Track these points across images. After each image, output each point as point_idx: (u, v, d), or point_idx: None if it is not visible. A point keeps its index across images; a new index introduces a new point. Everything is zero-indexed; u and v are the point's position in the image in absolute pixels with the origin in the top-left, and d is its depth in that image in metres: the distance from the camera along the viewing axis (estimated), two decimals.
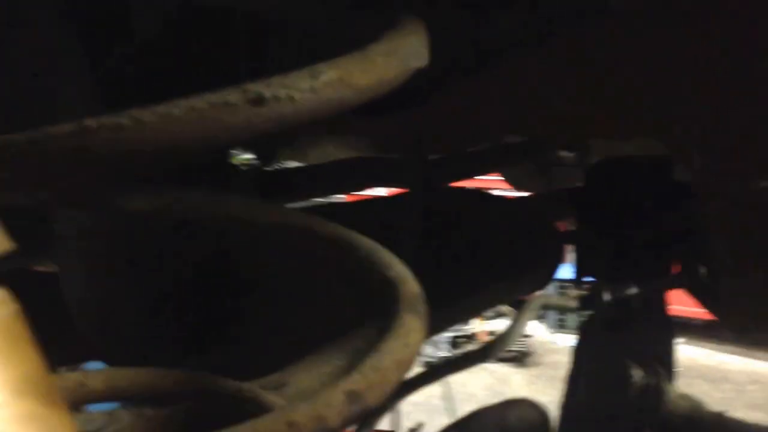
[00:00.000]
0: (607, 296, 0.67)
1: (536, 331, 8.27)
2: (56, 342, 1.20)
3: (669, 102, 0.71)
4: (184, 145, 0.44)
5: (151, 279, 1.00)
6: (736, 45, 0.64)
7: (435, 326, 0.81)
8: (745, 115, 0.66)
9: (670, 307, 1.17)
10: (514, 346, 7.42)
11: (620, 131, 0.74)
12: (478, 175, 1.56)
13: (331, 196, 1.66)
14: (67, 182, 0.47)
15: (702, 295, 1.09)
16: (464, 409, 1.29)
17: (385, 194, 1.54)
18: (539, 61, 0.85)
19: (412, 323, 0.58)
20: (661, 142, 0.73)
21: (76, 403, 0.73)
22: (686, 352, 7.54)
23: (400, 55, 0.52)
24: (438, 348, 7.44)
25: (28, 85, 0.83)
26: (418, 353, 0.57)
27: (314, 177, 1.45)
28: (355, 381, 0.53)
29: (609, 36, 0.71)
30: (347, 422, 0.51)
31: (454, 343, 7.62)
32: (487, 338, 7.58)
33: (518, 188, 2.31)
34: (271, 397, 0.72)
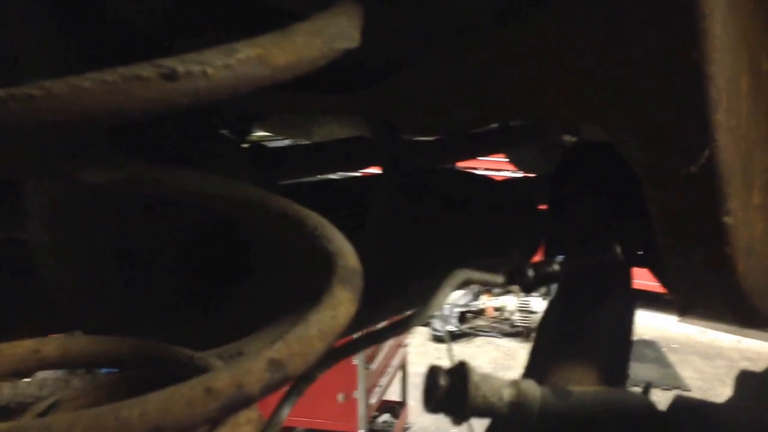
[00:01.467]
0: (530, 271, 0.69)
1: (542, 307, 8.29)
2: (41, 313, 1.23)
3: (603, 88, 0.71)
4: (96, 117, 0.45)
5: (124, 246, 1.02)
6: (669, 34, 0.64)
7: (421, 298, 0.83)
8: (672, 102, 0.67)
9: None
10: (520, 322, 7.50)
11: (562, 115, 0.75)
12: (482, 155, 1.57)
13: (331, 173, 1.67)
14: None
15: (657, 273, 1.11)
16: None
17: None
18: (500, 42, 0.85)
19: (342, 295, 0.59)
20: (603, 128, 0.73)
21: (30, 370, 0.75)
22: (681, 329, 7.60)
23: (324, 35, 0.53)
24: (447, 322, 7.49)
25: None
26: (347, 325, 0.58)
27: (314, 155, 1.46)
28: (277, 349, 0.54)
29: (552, 21, 0.72)
30: (268, 390, 0.53)
31: (462, 317, 7.66)
32: (494, 314, 7.65)
33: (522, 169, 2.32)
34: (221, 366, 0.74)
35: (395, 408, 5.61)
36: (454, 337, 7.53)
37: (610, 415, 0.71)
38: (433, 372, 0.71)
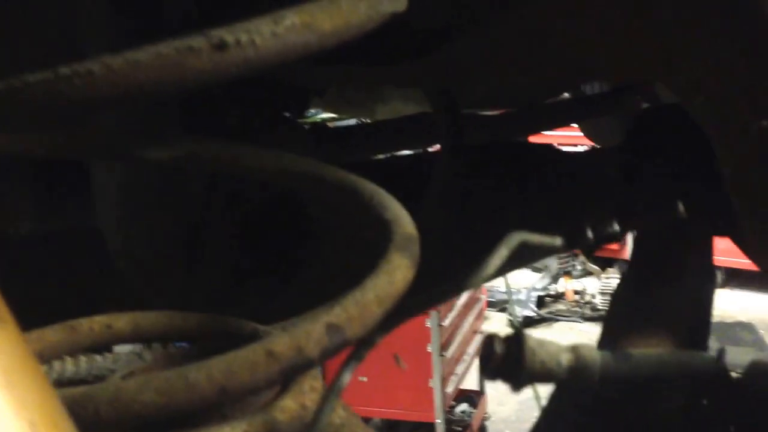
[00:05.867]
0: (589, 232, 0.67)
1: None
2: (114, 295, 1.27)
3: (672, 43, 0.70)
4: (152, 90, 0.47)
5: (189, 224, 1.04)
6: None
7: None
8: (743, 55, 0.65)
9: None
10: (602, 305, 7.28)
11: (627, 74, 0.73)
12: (553, 128, 1.55)
13: (396, 151, 1.67)
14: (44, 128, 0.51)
15: (738, 242, 1.07)
16: None
17: None
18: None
19: (399, 261, 0.60)
20: (671, 87, 0.72)
21: (104, 344, 0.78)
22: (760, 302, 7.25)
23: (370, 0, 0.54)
24: (524, 307, 7.33)
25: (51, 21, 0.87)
26: (404, 290, 0.59)
27: (378, 133, 1.47)
28: (335, 314, 0.55)
29: None
30: (327, 353, 0.54)
31: (541, 302, 7.50)
32: (575, 297, 7.47)
33: (598, 142, 2.28)
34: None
35: (473, 397, 5.47)
36: (533, 322, 7.34)
37: (676, 377, 0.70)
38: (490, 340, 0.71)
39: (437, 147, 1.56)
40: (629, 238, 4.35)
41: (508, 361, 0.68)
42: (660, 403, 0.73)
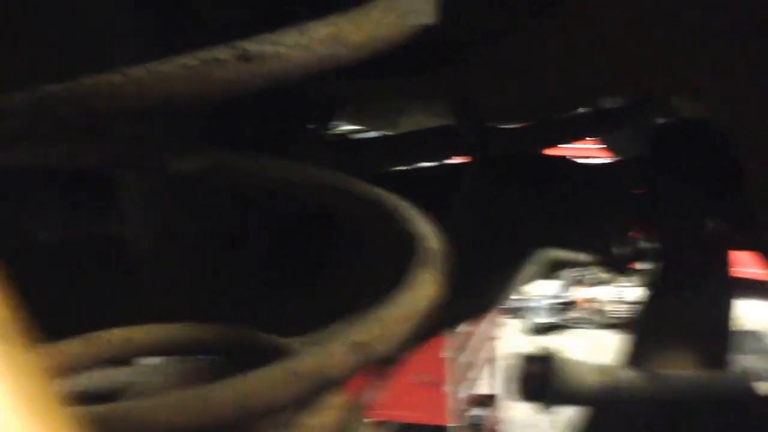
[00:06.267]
0: (617, 250, 0.66)
1: (636, 297, 8.07)
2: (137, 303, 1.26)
3: (698, 60, 0.68)
4: (177, 101, 0.46)
5: (217, 232, 1.04)
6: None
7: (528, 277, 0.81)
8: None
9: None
10: (614, 313, 7.27)
11: (656, 90, 0.72)
12: (573, 141, 1.54)
13: (420, 163, 1.66)
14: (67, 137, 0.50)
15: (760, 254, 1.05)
16: None
17: None
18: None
19: (424, 277, 0.59)
20: (697, 102, 0.71)
21: (124, 357, 0.77)
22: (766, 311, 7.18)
23: (399, 11, 0.53)
24: (536, 314, 7.34)
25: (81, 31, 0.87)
26: (430, 306, 0.58)
27: (401, 145, 1.46)
28: (359, 332, 0.54)
29: None
30: (351, 372, 0.53)
31: (554, 309, 7.49)
32: (586, 305, 7.46)
33: (616, 153, 2.26)
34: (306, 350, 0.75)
35: (487, 402, 5.51)
36: (545, 329, 7.38)
37: (706, 399, 0.68)
38: (518, 360, 0.70)
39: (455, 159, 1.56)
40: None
41: (538, 381, 0.67)
42: (693, 424, 0.71)
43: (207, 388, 0.50)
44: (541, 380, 0.66)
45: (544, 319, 7.29)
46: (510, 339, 7.04)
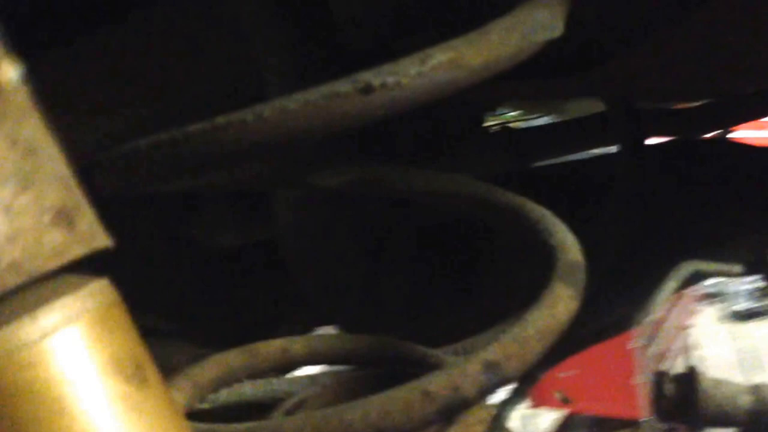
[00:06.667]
0: None
1: None
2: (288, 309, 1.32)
3: None
4: (300, 136, 0.48)
5: (370, 241, 1.06)
6: None
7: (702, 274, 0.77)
8: None
9: None
10: None
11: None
12: (746, 122, 1.45)
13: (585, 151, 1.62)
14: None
15: None
16: None
17: None
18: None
19: (562, 292, 0.58)
20: None
21: (281, 368, 0.80)
22: None
23: (522, 29, 0.52)
24: (736, 300, 6.84)
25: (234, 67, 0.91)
26: (567, 323, 0.57)
27: (566, 133, 1.43)
28: (493, 351, 0.54)
29: None
30: (484, 392, 0.53)
31: (756, 294, 6.94)
32: None
33: None
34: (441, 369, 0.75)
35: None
36: (746, 316, 6.88)
37: None
38: (659, 378, 0.67)
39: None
40: None
41: (680, 403, 0.64)
42: None
43: (343, 408, 0.52)
44: (683, 401, 0.63)
45: (744, 305, 6.81)
46: (705, 327, 6.63)
